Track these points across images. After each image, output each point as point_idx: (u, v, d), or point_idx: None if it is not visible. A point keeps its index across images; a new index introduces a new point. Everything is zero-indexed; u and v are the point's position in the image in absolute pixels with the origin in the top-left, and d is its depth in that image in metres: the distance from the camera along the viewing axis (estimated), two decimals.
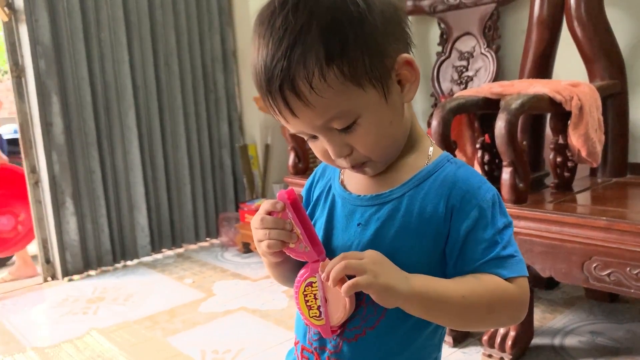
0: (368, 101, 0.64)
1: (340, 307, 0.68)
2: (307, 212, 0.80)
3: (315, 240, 0.68)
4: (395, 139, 0.70)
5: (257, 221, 0.70)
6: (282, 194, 0.68)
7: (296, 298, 0.70)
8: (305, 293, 0.69)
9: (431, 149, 0.73)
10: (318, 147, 0.70)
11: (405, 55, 0.66)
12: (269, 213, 0.69)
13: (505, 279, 0.66)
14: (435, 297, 0.64)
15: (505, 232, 0.68)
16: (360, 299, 0.69)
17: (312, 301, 0.69)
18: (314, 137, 0.69)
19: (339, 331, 0.70)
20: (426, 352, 0.73)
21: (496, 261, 0.67)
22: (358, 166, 0.70)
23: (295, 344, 0.79)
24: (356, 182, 0.75)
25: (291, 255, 0.70)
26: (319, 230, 0.76)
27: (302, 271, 0.70)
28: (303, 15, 0.61)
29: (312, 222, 0.78)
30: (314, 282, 0.68)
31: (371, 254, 0.64)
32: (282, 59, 0.61)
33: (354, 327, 0.70)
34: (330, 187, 0.78)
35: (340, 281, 0.64)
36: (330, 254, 0.73)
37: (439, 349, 0.75)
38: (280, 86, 0.62)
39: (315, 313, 0.69)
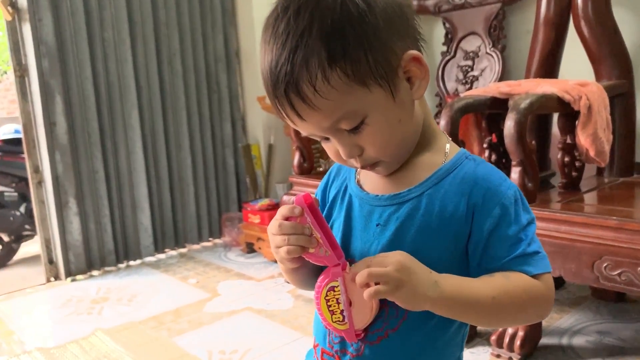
0: (374, 100, 0.64)
1: (365, 310, 0.67)
2: (324, 214, 0.79)
3: (334, 244, 0.67)
4: (406, 137, 0.69)
5: (274, 227, 0.69)
6: (299, 199, 0.67)
7: (317, 303, 0.69)
8: (327, 298, 0.68)
9: (448, 145, 0.72)
10: (331, 148, 0.70)
11: (411, 51, 0.66)
12: (286, 219, 0.68)
13: (532, 276, 0.66)
14: (465, 301, 0.64)
15: (529, 228, 0.68)
16: (382, 300, 0.68)
17: (334, 306, 0.68)
18: (326, 139, 0.69)
19: (362, 335, 0.69)
20: (449, 351, 0.72)
21: (522, 258, 0.66)
22: (370, 166, 0.70)
23: (315, 347, 0.78)
24: (373, 182, 0.74)
25: (311, 260, 0.69)
26: (337, 231, 0.75)
27: (322, 276, 0.69)
28: (304, 19, 0.61)
29: (330, 223, 0.77)
30: (337, 287, 0.67)
31: (397, 260, 0.62)
32: (286, 63, 0.61)
33: (376, 329, 0.69)
34: (346, 188, 0.78)
35: (365, 285, 0.63)
36: (350, 255, 0.72)
37: (461, 348, 0.75)
38: (285, 90, 0.62)
39: (339, 318, 0.68)
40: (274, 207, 3.05)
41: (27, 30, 2.69)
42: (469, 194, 0.67)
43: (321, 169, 2.86)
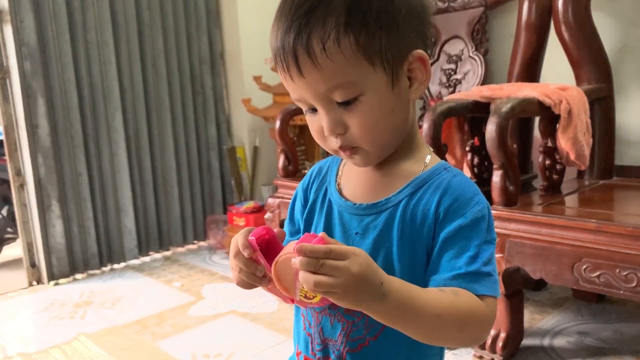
0: (375, 81, 0.65)
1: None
2: (305, 213, 0.79)
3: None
4: (393, 130, 0.69)
5: (231, 256, 0.68)
6: (252, 239, 0.65)
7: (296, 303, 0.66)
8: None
9: (429, 157, 0.73)
10: (315, 123, 0.70)
11: (420, 51, 0.67)
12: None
13: (478, 295, 0.64)
14: (408, 316, 0.60)
15: (488, 247, 0.67)
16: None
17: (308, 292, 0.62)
18: (313, 111, 0.69)
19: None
20: (430, 358, 0.73)
21: (475, 276, 0.65)
22: (348, 150, 0.69)
23: (297, 354, 0.78)
24: (353, 188, 0.75)
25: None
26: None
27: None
28: None
29: (313, 226, 0.77)
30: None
31: (352, 268, 0.57)
32: (304, 15, 0.63)
33: (357, 337, 0.70)
34: (326, 192, 0.78)
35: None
36: None
37: (441, 356, 0.75)
38: (294, 40, 0.63)
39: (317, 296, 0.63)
40: (259, 209, 3.05)
41: (8, 31, 2.66)
42: (438, 201, 0.68)
43: (306, 171, 2.86)
